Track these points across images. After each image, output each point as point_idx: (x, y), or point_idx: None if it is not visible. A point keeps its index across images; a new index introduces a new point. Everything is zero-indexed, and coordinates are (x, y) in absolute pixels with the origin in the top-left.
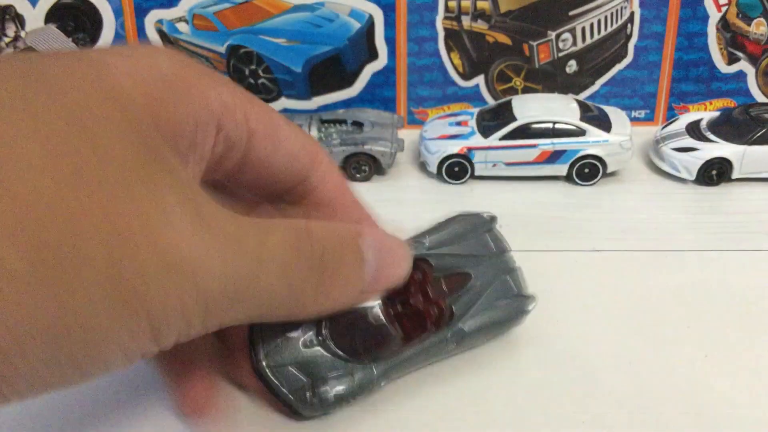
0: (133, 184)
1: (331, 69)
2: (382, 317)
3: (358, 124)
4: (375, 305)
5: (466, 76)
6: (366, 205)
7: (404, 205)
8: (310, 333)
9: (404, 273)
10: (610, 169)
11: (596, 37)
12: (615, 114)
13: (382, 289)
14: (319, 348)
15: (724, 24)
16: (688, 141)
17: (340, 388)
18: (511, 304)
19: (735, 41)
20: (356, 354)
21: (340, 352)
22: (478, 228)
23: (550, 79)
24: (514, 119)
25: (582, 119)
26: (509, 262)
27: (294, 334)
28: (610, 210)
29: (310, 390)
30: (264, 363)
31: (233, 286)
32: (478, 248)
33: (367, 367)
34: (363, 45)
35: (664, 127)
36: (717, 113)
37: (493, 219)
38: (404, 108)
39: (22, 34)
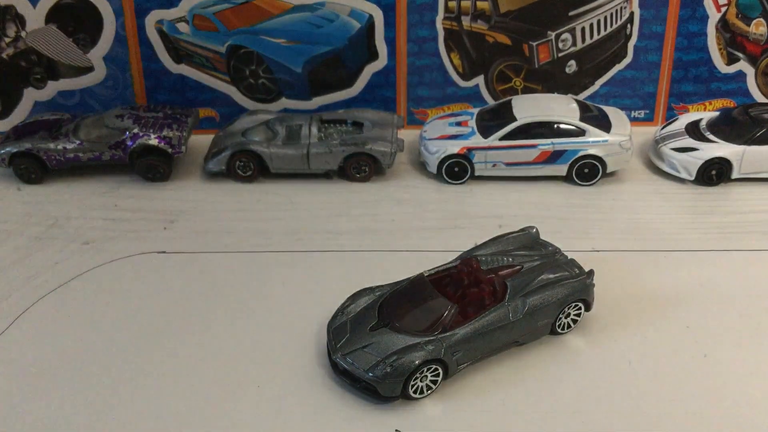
0: None
1: (332, 69)
2: (437, 293)
3: (358, 124)
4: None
5: (466, 76)
6: None
7: (404, 205)
8: (375, 319)
9: None
10: (609, 169)
11: (596, 37)
12: (615, 114)
13: None
14: (386, 329)
15: (723, 24)
16: (688, 141)
17: (413, 358)
18: (570, 282)
19: (734, 41)
20: (422, 329)
21: (407, 330)
22: (525, 239)
23: (550, 79)
24: (514, 119)
25: (582, 119)
26: (559, 256)
27: (360, 324)
28: (610, 210)
29: (385, 364)
30: (338, 354)
31: None
32: (527, 251)
33: (436, 340)
34: (363, 45)
35: (663, 127)
36: (716, 113)
37: (536, 231)
38: (404, 108)
39: (23, 34)
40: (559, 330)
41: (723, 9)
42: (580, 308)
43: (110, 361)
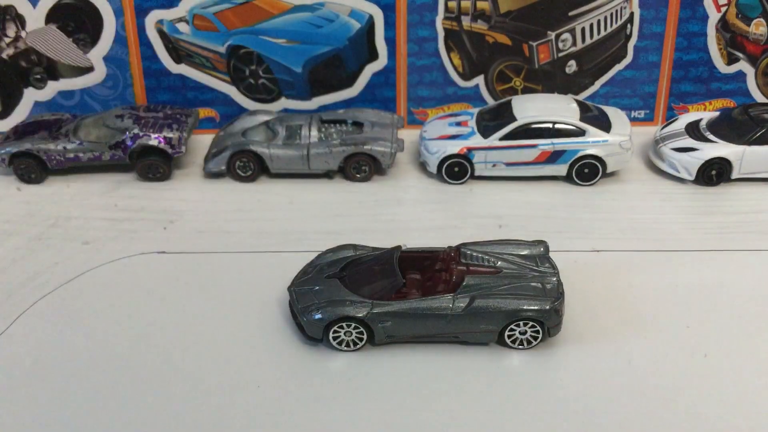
0: None
1: (332, 69)
2: (394, 266)
3: (358, 124)
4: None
5: (466, 77)
6: None
7: (404, 205)
8: (335, 270)
9: None
10: (609, 169)
11: (596, 37)
12: (615, 114)
13: None
14: (336, 281)
15: (723, 24)
16: (688, 141)
17: (338, 311)
18: (527, 300)
19: (734, 41)
20: (363, 291)
21: (352, 287)
22: (531, 250)
23: (550, 79)
24: (514, 119)
25: (582, 119)
26: (550, 278)
27: (323, 271)
28: (610, 210)
29: (316, 307)
30: (292, 288)
31: None
32: (522, 261)
33: (368, 304)
34: (363, 45)
35: (663, 128)
36: (716, 113)
37: (546, 248)
38: (404, 108)
39: (23, 34)
40: (509, 343)
41: (723, 9)
42: (537, 330)
43: (110, 361)
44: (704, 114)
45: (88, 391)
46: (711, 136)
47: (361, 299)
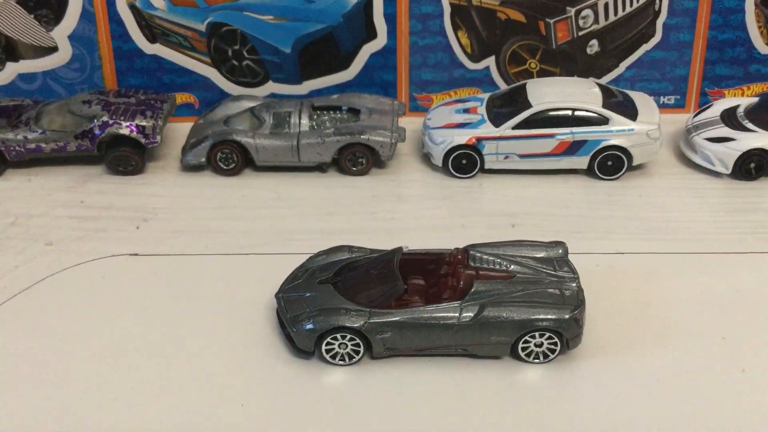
0: None
1: (325, 49)
2: (395, 270)
3: (354, 111)
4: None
5: (474, 58)
6: None
7: (405, 202)
8: (329, 275)
9: None
10: (636, 162)
11: (621, 13)
12: (641, 100)
13: None
14: (330, 286)
15: (763, 0)
16: (724, 130)
17: (332, 320)
18: (542, 309)
19: None
20: (361, 298)
21: (348, 294)
22: (548, 252)
23: (569, 60)
24: (528, 106)
25: (605, 106)
26: (568, 284)
27: (315, 276)
28: (636, 208)
29: (308, 316)
30: (279, 295)
31: None
32: (537, 265)
33: (366, 313)
34: (360, 23)
35: (696, 115)
36: (755, 99)
37: (565, 250)
38: (406, 93)
39: None
40: (524, 356)
41: None
42: (555, 342)
43: (76, 375)
44: (742, 100)
45: (52, 407)
46: (749, 125)
47: (358, 307)
